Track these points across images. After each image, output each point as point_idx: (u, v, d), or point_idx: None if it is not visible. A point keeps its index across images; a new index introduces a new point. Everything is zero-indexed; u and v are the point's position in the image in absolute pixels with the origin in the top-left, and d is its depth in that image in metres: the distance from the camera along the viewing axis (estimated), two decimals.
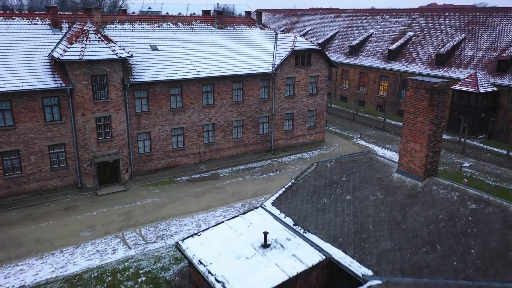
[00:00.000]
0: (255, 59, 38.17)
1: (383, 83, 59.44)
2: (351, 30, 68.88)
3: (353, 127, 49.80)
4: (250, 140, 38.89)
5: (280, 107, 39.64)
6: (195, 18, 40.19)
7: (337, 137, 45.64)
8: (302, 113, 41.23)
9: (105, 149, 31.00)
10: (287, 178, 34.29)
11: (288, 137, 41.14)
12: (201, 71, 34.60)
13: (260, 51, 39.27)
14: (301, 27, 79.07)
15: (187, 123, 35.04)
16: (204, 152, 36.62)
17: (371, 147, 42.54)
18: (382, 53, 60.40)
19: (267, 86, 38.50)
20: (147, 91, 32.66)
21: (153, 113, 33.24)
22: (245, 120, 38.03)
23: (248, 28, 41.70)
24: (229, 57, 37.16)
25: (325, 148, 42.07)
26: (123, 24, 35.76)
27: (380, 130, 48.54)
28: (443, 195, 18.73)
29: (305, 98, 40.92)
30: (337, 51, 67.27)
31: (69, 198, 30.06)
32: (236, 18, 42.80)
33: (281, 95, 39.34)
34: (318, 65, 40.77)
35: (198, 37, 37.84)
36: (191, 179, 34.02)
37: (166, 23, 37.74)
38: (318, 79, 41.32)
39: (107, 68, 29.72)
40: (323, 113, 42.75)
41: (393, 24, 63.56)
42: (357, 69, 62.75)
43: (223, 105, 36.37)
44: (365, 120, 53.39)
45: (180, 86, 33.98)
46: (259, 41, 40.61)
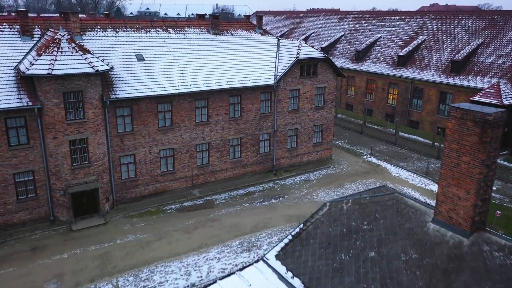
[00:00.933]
0: (255, 69, 33.81)
1: (392, 91, 55.07)
2: (357, 34, 64.52)
3: (361, 141, 45.42)
4: (249, 160, 34.52)
5: (283, 122, 35.29)
6: (188, 23, 35.81)
7: (345, 153, 41.26)
8: (307, 129, 36.88)
9: (81, 177, 26.63)
10: (291, 206, 29.94)
11: (292, 156, 36.78)
12: (194, 84, 30.23)
13: (260, 60, 34.90)
14: (303, 30, 74.70)
15: (178, 143, 30.68)
16: (197, 175, 32.25)
17: (383, 166, 38.17)
18: (391, 58, 56.04)
19: (269, 100, 34.14)
20: (131, 108, 28.31)
21: (138, 133, 28.88)
22: (243, 138, 33.67)
23: (247, 34, 37.31)
24: (225, 68, 32.79)
25: (332, 167, 37.69)
26: (105, 30, 31.36)
27: (392, 145, 44.15)
28: (500, 260, 14.38)
29: (310, 112, 36.56)
30: (342, 56, 62.92)
31: (39, 234, 25.68)
32: (234, 22, 38.47)
33: (284, 109, 34.99)
34: (325, 75, 36.40)
35: (191, 45, 33.46)
36: (181, 207, 29.65)
37: (155, 29, 33.36)
38: (325, 91, 36.95)
39: (82, 83, 25.35)
40: (330, 128, 38.39)
41: (402, 27, 59.20)
42: (364, 76, 58.39)
43: (218, 121, 32.01)
44: (374, 132, 49.00)
45: (169, 102, 29.62)
46: (260, 48, 36.23)
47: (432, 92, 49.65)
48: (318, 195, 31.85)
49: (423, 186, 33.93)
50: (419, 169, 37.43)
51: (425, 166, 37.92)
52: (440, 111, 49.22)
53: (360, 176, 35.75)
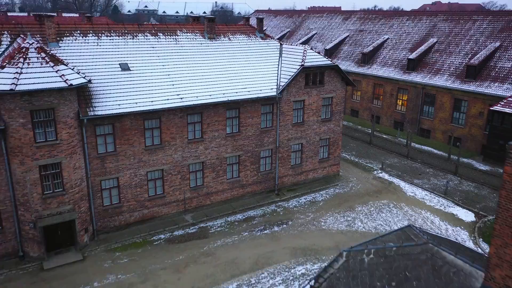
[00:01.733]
0: (255, 79, 30.06)
1: (402, 96, 51.31)
2: (363, 35, 60.70)
3: (370, 153, 41.69)
4: (249, 179, 30.81)
5: (286, 137, 31.56)
6: (180, 26, 32.00)
7: (353, 168, 37.54)
8: (313, 143, 33.15)
9: (54, 206, 22.92)
10: (296, 236, 26.26)
11: (296, 173, 33.07)
12: (186, 97, 26.49)
13: (261, 69, 31.15)
14: (305, 31, 70.86)
15: (168, 163, 26.98)
16: (190, 198, 28.56)
17: (395, 183, 34.48)
18: (400, 62, 52.25)
19: (270, 113, 30.41)
20: (113, 126, 24.59)
21: (122, 153, 25.17)
22: (242, 155, 29.96)
23: (247, 38, 33.53)
24: (222, 77, 29.05)
25: (340, 185, 33.98)
26: (85, 35, 27.60)
27: (404, 158, 40.41)
28: None
29: (316, 125, 32.83)
30: (347, 58, 59.13)
31: (3, 275, 21.94)
32: (231, 25, 34.66)
33: (288, 123, 31.26)
34: (333, 84, 32.66)
35: (183, 52, 29.70)
36: (172, 237, 25.96)
37: (143, 34, 29.58)
38: (333, 101, 33.21)
39: (54, 99, 21.61)
40: (338, 142, 34.66)
41: (412, 28, 55.36)
42: (371, 80, 54.61)
43: (214, 138, 28.30)
44: (384, 142, 45.27)
45: (157, 118, 25.90)
46: (260, 55, 32.47)
47: (445, 98, 45.91)
48: (326, 221, 28.16)
49: (442, 209, 30.25)
50: (436, 188, 33.72)
51: (443, 183, 34.23)
52: (454, 119, 45.48)
53: (371, 196, 32.05)
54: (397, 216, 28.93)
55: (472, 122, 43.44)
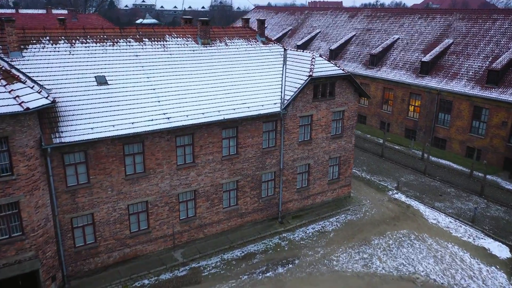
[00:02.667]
0: (256, 92, 25.78)
1: (414, 102, 47.01)
2: (371, 34, 56.25)
3: (383, 168, 37.45)
4: (248, 207, 26.62)
5: (292, 157, 27.34)
6: (169, 30, 27.59)
7: (366, 187, 33.33)
8: (321, 163, 28.94)
9: (11, 255, 18.75)
10: (305, 280, 22.09)
11: (302, 197, 28.88)
12: (174, 116, 22.21)
13: (263, 79, 26.87)
14: (308, 29, 66.37)
15: (153, 194, 22.76)
16: (180, 232, 24.38)
17: (414, 206, 30.30)
18: (412, 64, 47.89)
19: (273, 131, 26.16)
20: (86, 154, 20.34)
21: (97, 185, 20.95)
22: (241, 180, 25.74)
23: (246, 43, 29.20)
24: (217, 91, 24.77)
25: (352, 209, 29.79)
26: (56, 42, 23.28)
27: (421, 174, 36.17)
28: None
29: (326, 143, 28.60)
30: (354, 59, 54.74)
31: None
32: (229, 28, 30.20)
33: (293, 141, 27.03)
34: (344, 96, 28.39)
35: (172, 61, 25.39)
36: (157, 283, 21.77)
37: (125, 39, 25.25)
38: (344, 115, 28.95)
39: (7, 126, 17.37)
40: (349, 160, 30.43)
41: (424, 28, 50.93)
42: (380, 84, 50.28)
43: (208, 162, 24.07)
44: (397, 155, 41.03)
45: (140, 142, 21.64)
46: (262, 63, 28.17)
47: (463, 106, 41.62)
48: (339, 259, 24.00)
49: (472, 241, 26.12)
50: (461, 213, 29.56)
51: (468, 207, 30.08)
52: (473, 129, 41.23)
53: (388, 224, 27.88)
54: (421, 252, 24.77)
55: (494, 133, 39.21)
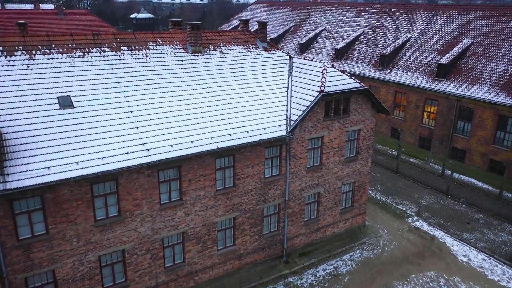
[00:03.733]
0: (257, 111, 21.36)
1: (430, 108, 42.57)
2: (380, 32, 51.60)
3: (399, 188, 33.11)
4: (248, 247, 22.34)
5: (299, 186, 23.01)
6: (154, 35, 23.07)
7: (381, 212, 29.05)
8: (333, 191, 24.63)
9: None
10: None
11: (311, 231, 24.60)
12: (156, 147, 17.83)
13: (265, 95, 22.44)
14: (311, 25, 61.66)
15: (132, 240, 18.47)
16: (165, 283, 20.10)
17: (440, 238, 26.05)
18: (427, 66, 43.37)
19: (277, 157, 21.80)
20: (42, 199, 16.03)
21: (59, 235, 16.65)
22: (239, 217, 21.43)
23: (245, 51, 24.72)
24: (210, 111, 20.36)
25: (368, 243, 25.53)
26: (11, 54, 18.83)
27: (442, 195, 31.82)
28: None
29: (338, 167, 24.26)
30: (362, 60, 50.16)
31: None
32: (224, 32, 25.56)
33: (301, 168, 22.68)
34: (360, 112, 24.00)
35: (155, 74, 20.95)
36: None
37: (99, 48, 20.79)
38: (360, 135, 24.58)
39: None
40: (364, 185, 26.12)
41: (440, 26, 46.32)
42: (392, 87, 45.79)
43: (199, 199, 19.74)
44: (413, 170, 36.66)
45: (113, 180, 17.31)
46: (263, 74, 23.73)
47: (486, 114, 37.21)
48: None
49: None
50: (495, 247, 25.32)
51: (502, 239, 25.84)
52: (497, 140, 36.85)
53: (412, 264, 23.63)
54: None
55: None
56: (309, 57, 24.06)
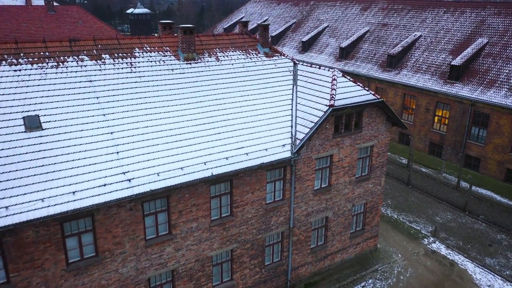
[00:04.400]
0: (258, 128, 18.61)
1: (441, 112, 39.81)
2: (387, 30, 48.68)
3: (412, 202, 30.42)
4: (247, 281, 19.67)
5: (305, 211, 20.32)
6: (141, 41, 20.21)
7: (394, 232, 26.38)
8: (343, 214, 21.94)
9: None
10: None
11: (318, 258, 21.93)
12: (139, 176, 15.09)
13: (266, 109, 19.66)
14: (314, 22, 58.69)
15: (111, 283, 15.76)
16: None
17: (460, 264, 23.41)
18: (439, 67, 40.54)
19: (281, 180, 19.09)
20: (1, 243, 13.33)
21: (22, 284, 13.97)
22: (237, 249, 18.74)
23: (244, 57, 21.90)
24: (203, 130, 17.60)
25: (381, 271, 22.87)
26: None
27: (459, 212, 29.14)
28: None
29: (349, 188, 21.56)
30: (368, 60, 47.29)
31: None
32: (221, 36, 22.59)
33: (307, 191, 19.98)
34: (374, 127, 21.25)
35: (141, 87, 18.14)
36: None
37: (76, 57, 17.98)
38: (373, 151, 21.86)
39: None
40: (377, 206, 23.42)
41: (452, 24, 43.41)
42: (400, 89, 42.97)
43: (191, 231, 17.03)
44: (425, 181, 33.95)
45: (89, 216, 14.61)
46: (265, 84, 20.93)
47: (504, 120, 34.43)
48: None
49: None
50: None
51: None
52: None
53: None
54: None
55: None
56: (316, 65, 21.14)
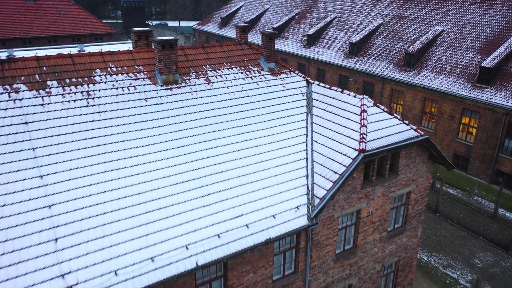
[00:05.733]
0: (261, 185, 13.47)
1: (468, 121, 34.65)
2: (404, 24, 43.12)
3: (443, 237, 25.48)
4: None
5: (324, 283, 15.35)
6: (104, 58, 14.89)
7: (426, 283, 21.47)
8: (369, 279, 17.00)
9: None
10: None
11: None
12: (84, 280, 10.09)
13: (272, 154, 14.47)
14: (320, 13, 52.96)
15: None
16: None
17: None
18: (465, 69, 35.23)
19: (292, 249, 14.08)
20: None
21: None
22: None
23: (243, 76, 16.63)
24: (184, 193, 12.49)
25: None
26: None
27: (501, 252, 24.23)
28: None
29: (378, 247, 16.58)
30: (383, 57, 41.89)
31: None
32: (214, 48, 17.13)
33: (327, 258, 14.99)
34: (412, 169, 16.16)
35: (98, 128, 12.92)
36: None
37: (8, 87, 12.75)
38: (410, 198, 16.82)
39: None
40: (411, 262, 18.48)
41: (479, 17, 37.91)
42: (420, 93, 37.71)
43: None
44: (455, 207, 28.93)
45: None
46: (270, 115, 15.67)
47: None
48: None
49: None
50: None
51: None
52: None
53: None
54: None
55: None
56: (335, 88, 15.86)
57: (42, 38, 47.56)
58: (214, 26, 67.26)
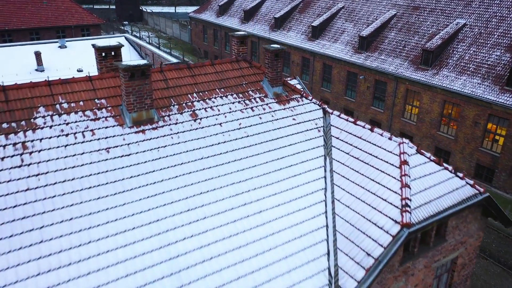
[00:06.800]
0: (265, 277, 9.62)
1: (494, 128, 30.63)
2: (420, 16, 38.67)
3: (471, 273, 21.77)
4: None
5: None
6: (52, 92, 10.86)
7: None
8: None
9: None
10: None
11: None
12: None
13: (278, 225, 10.53)
14: (326, 2, 48.33)
15: None
16: None
17: None
18: (491, 69, 31.06)
19: None
20: None
21: None
22: None
23: (242, 106, 12.54)
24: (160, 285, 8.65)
25: None
26: None
27: None
28: None
29: None
30: (396, 53, 37.58)
31: None
32: (202, 69, 13.16)
33: None
34: (463, 229, 12.27)
35: (40, 200, 8.97)
36: None
37: None
38: (457, 264, 12.99)
39: None
40: None
41: (507, 10, 33.53)
42: (439, 95, 33.56)
43: None
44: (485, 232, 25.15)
45: None
46: (276, 164, 11.66)
47: None
48: None
49: None
50: None
51: None
52: None
53: None
54: None
55: None
56: (362, 124, 11.89)
57: (23, 30, 43.25)
58: (211, 14, 62.63)
